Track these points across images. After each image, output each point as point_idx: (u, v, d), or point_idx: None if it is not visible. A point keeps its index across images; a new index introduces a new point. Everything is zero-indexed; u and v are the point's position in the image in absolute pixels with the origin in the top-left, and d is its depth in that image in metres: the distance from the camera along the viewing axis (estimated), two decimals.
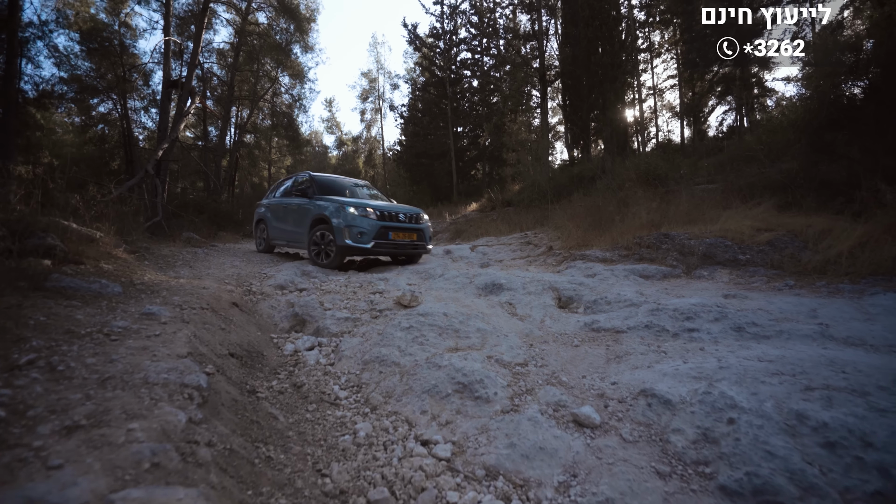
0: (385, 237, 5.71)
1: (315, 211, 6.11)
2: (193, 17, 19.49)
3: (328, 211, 5.84)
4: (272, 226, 7.49)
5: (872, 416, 1.54)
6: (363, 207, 5.73)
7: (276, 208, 7.46)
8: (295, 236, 6.70)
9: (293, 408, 2.15)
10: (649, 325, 3.07)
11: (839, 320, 2.98)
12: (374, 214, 5.75)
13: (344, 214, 5.62)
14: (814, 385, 1.84)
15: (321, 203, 6.10)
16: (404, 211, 6.24)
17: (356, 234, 5.52)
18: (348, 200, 5.93)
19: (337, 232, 5.60)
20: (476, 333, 3.00)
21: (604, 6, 13.14)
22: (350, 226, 5.54)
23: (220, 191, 19.93)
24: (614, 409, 1.96)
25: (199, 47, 17.39)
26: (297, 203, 6.69)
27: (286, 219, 7.01)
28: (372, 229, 5.59)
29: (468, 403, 2.12)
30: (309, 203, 6.37)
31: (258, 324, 3.43)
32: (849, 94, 5.31)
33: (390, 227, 5.82)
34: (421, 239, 6.24)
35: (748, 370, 2.06)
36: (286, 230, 6.98)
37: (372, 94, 35.53)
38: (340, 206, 5.75)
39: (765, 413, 1.65)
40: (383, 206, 6.15)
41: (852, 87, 5.27)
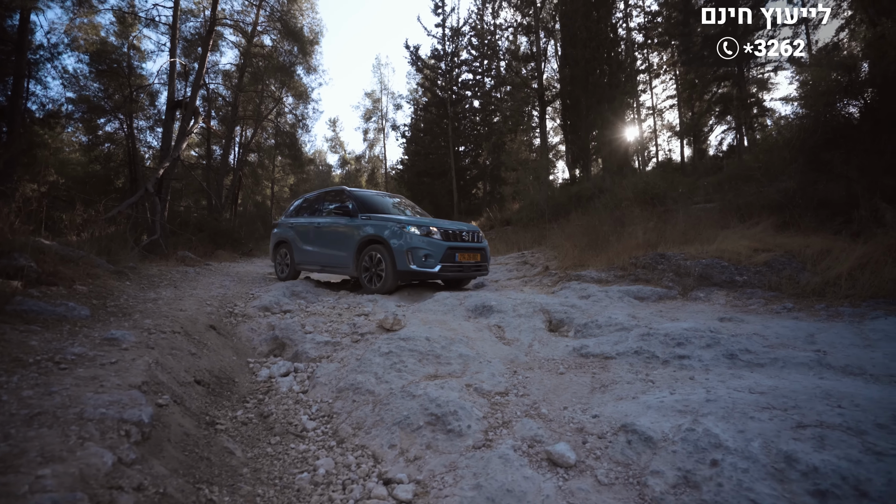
0: (452, 259, 5.21)
1: (364, 232, 5.52)
2: (200, 39, 19.93)
3: (384, 232, 5.28)
4: (299, 248, 6.64)
5: (868, 461, 1.41)
6: (425, 227, 5.27)
7: (305, 229, 6.64)
8: (333, 260, 6.01)
9: (254, 441, 2.03)
10: (639, 350, 2.94)
11: (838, 346, 2.85)
12: (439, 234, 5.27)
13: (406, 236, 5.12)
14: (806, 422, 1.71)
15: (372, 223, 5.52)
16: (466, 229, 5.74)
17: (421, 257, 5.04)
18: (406, 219, 5.45)
19: (398, 255, 5.08)
20: (458, 359, 2.88)
21: (601, 28, 13.33)
22: (414, 248, 5.05)
23: (222, 209, 20.05)
24: (592, 445, 1.83)
25: (204, 68, 17.76)
26: (337, 223, 6.04)
27: (321, 241, 6.28)
28: (438, 251, 5.11)
29: (439, 437, 2.00)
30: (353, 223, 5.77)
31: (235, 347, 3.33)
32: (845, 114, 5.25)
33: (457, 248, 5.32)
34: (484, 259, 5.78)
35: (737, 403, 1.93)
36: (321, 253, 6.24)
37: (375, 114, 36.06)
38: (400, 226, 5.25)
39: (751, 454, 1.52)
40: (446, 224, 5.63)
41: (848, 107, 5.22)
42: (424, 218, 5.97)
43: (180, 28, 18.44)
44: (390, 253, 5.16)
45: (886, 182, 4.62)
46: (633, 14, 20.76)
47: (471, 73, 21.32)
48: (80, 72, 18.67)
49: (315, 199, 7.10)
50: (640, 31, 20.51)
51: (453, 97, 20.55)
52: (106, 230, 5.25)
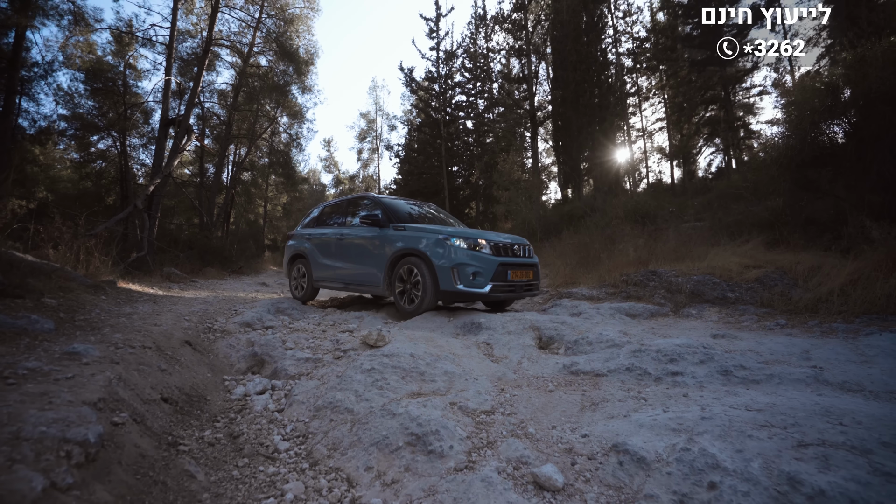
0: (503, 277, 4.49)
1: (398, 245, 4.86)
2: (196, 59, 20.12)
3: (423, 244, 4.61)
4: (318, 263, 5.97)
5: (878, 482, 1.31)
6: (472, 239, 4.55)
7: (325, 241, 5.99)
8: (359, 276, 5.36)
9: (220, 463, 1.88)
10: (630, 367, 2.84)
11: (834, 363, 2.77)
12: (488, 248, 4.57)
13: (450, 250, 4.42)
14: (808, 440, 1.61)
15: (408, 234, 4.84)
16: (517, 242, 5.02)
17: (469, 275, 4.33)
18: (449, 230, 4.73)
19: (441, 272, 4.41)
20: (443, 377, 2.76)
21: (591, 51, 13.64)
22: (460, 265, 4.35)
23: (214, 227, 19.88)
24: (582, 467, 1.71)
25: (199, 87, 17.85)
26: (364, 234, 5.37)
27: (344, 254, 5.63)
28: (488, 268, 4.40)
29: (419, 459, 1.86)
30: (383, 234, 5.10)
31: (211, 364, 3.17)
32: (830, 134, 5.31)
33: (509, 263, 4.59)
34: (535, 276, 5.06)
35: (734, 421, 1.83)
36: (344, 269, 5.58)
37: (370, 135, 36.41)
38: (442, 237, 4.52)
39: (751, 476, 1.41)
40: (494, 236, 4.88)
41: (833, 126, 5.28)
42: (468, 229, 5.24)
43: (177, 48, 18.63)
44: (431, 270, 4.48)
45: (872, 199, 4.63)
46: (621, 40, 21.32)
47: (464, 95, 21.64)
48: (75, 89, 18.70)
49: (336, 208, 6.39)
50: (628, 56, 21.04)
51: (447, 118, 20.79)
52: (86, 244, 5.11)
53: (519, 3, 16.09)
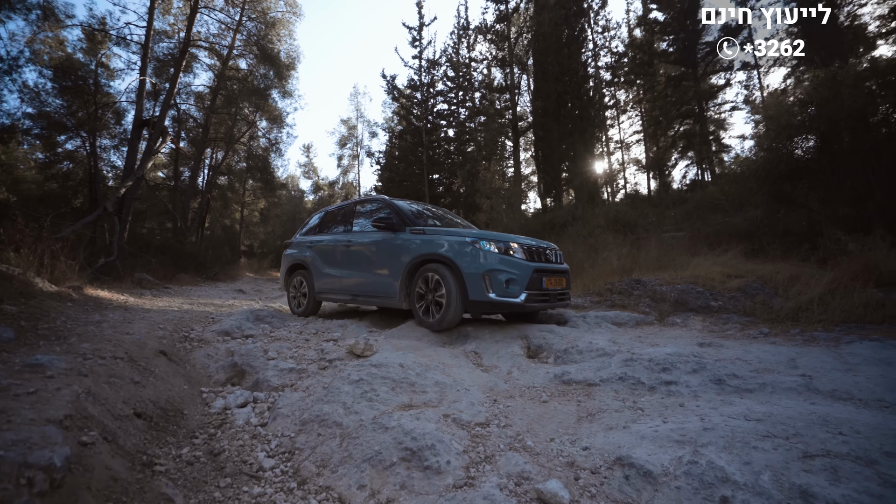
0: (538, 286, 4.02)
1: (418, 250, 4.34)
2: (173, 60, 19.62)
3: (447, 249, 4.10)
4: (322, 273, 5.45)
5: (890, 494, 1.29)
6: (503, 242, 4.06)
7: (329, 249, 5.47)
8: (371, 286, 4.83)
9: (200, 484, 1.75)
10: (623, 377, 2.81)
11: (821, 371, 2.80)
12: (521, 253, 4.10)
13: (480, 254, 3.94)
14: (812, 451, 1.60)
15: (428, 238, 4.34)
16: (549, 246, 4.60)
17: (502, 282, 3.85)
18: (476, 232, 4.28)
19: (471, 280, 3.90)
20: (434, 387, 2.67)
21: (572, 64, 13.88)
22: (492, 271, 3.86)
23: (188, 232, 19.28)
24: (586, 482, 1.65)
25: (175, 89, 17.40)
26: (376, 239, 4.85)
27: (353, 262, 5.09)
28: (523, 275, 3.93)
29: (415, 475, 1.77)
30: (399, 238, 4.58)
31: (188, 375, 3.00)
32: (804, 148, 5.50)
33: (543, 270, 4.13)
34: (568, 284, 4.61)
35: (736, 432, 1.80)
36: (353, 279, 5.06)
37: (351, 141, 36.17)
38: (470, 240, 4.03)
39: (763, 489, 1.38)
40: (525, 240, 4.41)
41: (804, 142, 5.47)
42: (491, 231, 4.81)
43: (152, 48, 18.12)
44: (458, 277, 3.97)
45: (846, 212, 4.79)
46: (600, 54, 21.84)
47: (446, 104, 21.71)
48: (42, 86, 17.93)
49: (340, 212, 5.84)
50: (607, 70, 21.57)
51: (428, 126, 20.81)
52: (52, 247, 4.82)
53: (502, 14, 16.31)
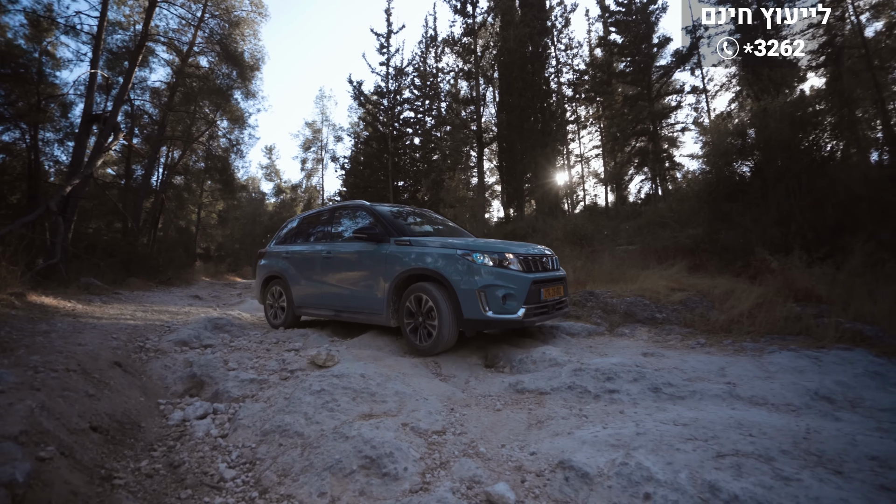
0: (536, 298, 3.78)
1: (404, 263, 4.02)
2: (128, 53, 18.77)
3: (437, 263, 3.81)
4: (301, 286, 5.13)
5: (778, 486, 1.53)
6: (497, 253, 3.79)
7: (307, 259, 5.13)
8: (354, 302, 4.53)
9: (160, 496, 1.78)
10: (572, 386, 3.02)
11: (745, 379, 3.11)
12: (517, 264, 3.83)
13: (474, 268, 3.64)
14: (725, 451, 1.83)
15: (416, 250, 4.03)
16: (544, 252, 4.34)
17: (499, 298, 3.60)
18: (466, 242, 4.00)
19: (464, 297, 3.63)
20: (394, 397, 2.78)
21: (535, 80, 14.41)
22: (488, 287, 3.60)
23: (139, 233, 18.38)
24: (531, 484, 1.82)
25: (130, 84, 16.65)
26: (357, 250, 4.52)
27: (333, 275, 4.77)
28: (521, 289, 3.67)
29: (374, 482, 1.88)
30: (383, 250, 4.25)
31: (144, 387, 2.97)
32: (739, 172, 6.02)
33: (542, 280, 3.91)
34: (565, 292, 4.39)
35: (664, 436, 2.02)
36: (334, 293, 4.74)
37: (315, 145, 35.65)
38: (461, 253, 3.73)
39: (679, 486, 1.58)
40: (520, 248, 4.13)
41: (741, 166, 6.00)
42: (482, 239, 4.47)
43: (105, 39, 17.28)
44: (451, 294, 3.70)
45: (774, 232, 5.30)
46: (563, 70, 22.71)
47: (412, 112, 21.86)
48: None
49: (317, 219, 5.47)
50: (569, 86, 22.45)
51: (394, 133, 20.89)
52: None
53: (469, 28, 16.71)
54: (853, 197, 4.90)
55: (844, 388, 2.87)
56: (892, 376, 3.08)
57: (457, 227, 5.53)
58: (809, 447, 1.85)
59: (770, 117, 5.52)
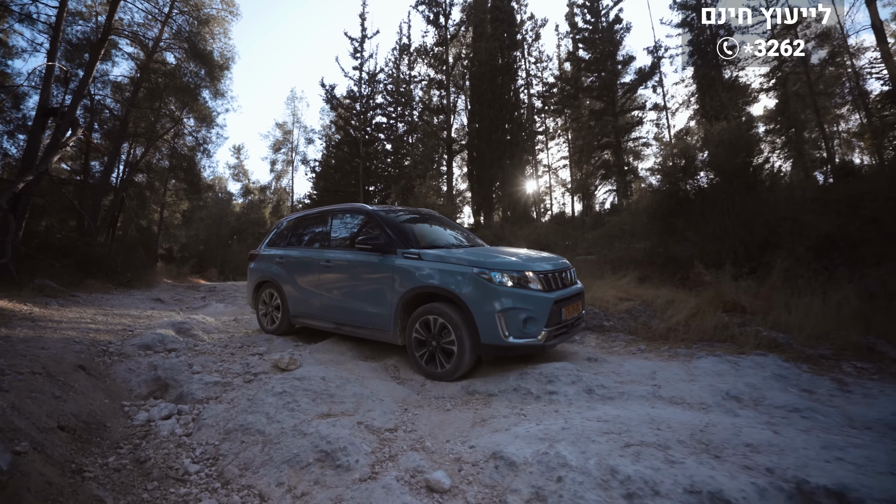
0: (557, 319, 3.54)
1: (414, 279, 3.73)
2: (89, 45, 18.13)
3: (451, 282, 3.52)
4: (296, 294, 4.80)
5: (665, 468, 1.84)
6: (519, 272, 3.50)
7: (303, 265, 4.78)
8: (357, 316, 4.22)
9: (128, 488, 1.94)
10: (517, 388, 3.31)
11: (670, 382, 3.48)
12: (538, 282, 3.55)
13: (492, 291, 3.39)
14: (632, 442, 2.15)
15: (426, 266, 3.72)
16: (562, 267, 4.03)
17: (519, 321, 3.34)
18: (485, 260, 3.59)
19: (483, 321, 3.36)
20: (352, 398, 2.99)
21: (504, 92, 14.91)
22: (508, 310, 3.34)
23: (97, 232, 17.71)
24: (467, 472, 2.08)
25: (91, 78, 16.13)
26: (362, 261, 4.18)
27: (333, 285, 4.45)
28: (542, 310, 3.42)
29: (328, 473, 2.10)
30: (391, 263, 3.91)
31: (108, 390, 3.06)
32: (684, 190, 6.55)
33: (563, 299, 3.64)
34: (583, 306, 4.16)
35: (586, 430, 2.33)
36: (335, 303, 4.41)
37: (285, 146, 35.20)
38: (477, 271, 3.46)
39: (587, 470, 1.88)
40: (540, 262, 3.83)
41: (685, 185, 6.53)
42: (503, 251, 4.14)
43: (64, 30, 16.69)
44: (467, 317, 3.42)
45: (711, 248, 5.81)
46: (533, 82, 23.44)
47: (385, 117, 22.08)
48: None
49: (312, 221, 5.10)
50: (538, 98, 23.19)
51: (366, 137, 21.01)
52: None
53: (441, 39, 17.09)
54: (778, 217, 5.46)
55: (752, 388, 3.28)
56: (793, 379, 3.52)
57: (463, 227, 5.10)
58: (702, 438, 2.20)
59: (709, 143, 6.06)
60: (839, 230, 5.58)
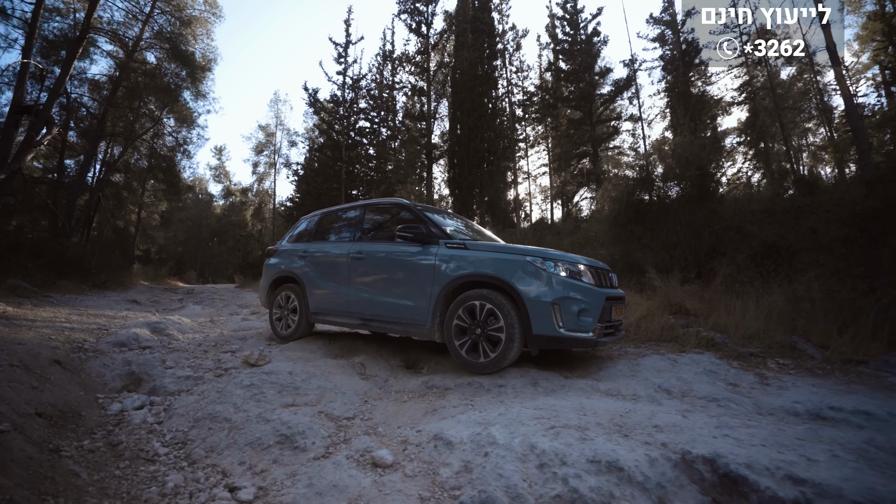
0: (608, 316, 3.58)
1: (459, 268, 3.68)
2: (66, 42, 17.93)
3: (502, 270, 3.49)
4: (320, 290, 4.67)
5: (577, 444, 2.14)
6: (572, 264, 3.55)
7: (332, 261, 4.66)
8: (392, 309, 4.11)
9: (101, 465, 2.15)
10: (471, 382, 3.58)
11: (612, 376, 3.81)
12: (590, 277, 3.60)
13: (546, 278, 3.39)
14: (556, 425, 2.44)
15: (472, 255, 3.69)
16: (607, 268, 4.11)
17: (574, 313, 3.35)
18: (535, 249, 3.64)
19: (536, 310, 3.33)
20: (315, 391, 3.23)
21: (483, 101, 15.31)
22: (563, 299, 3.34)
23: (71, 233, 17.43)
24: (410, 451, 2.34)
25: (68, 75, 15.98)
26: (401, 251, 4.10)
27: (365, 279, 4.37)
28: (595, 304, 3.44)
29: (286, 453, 2.34)
30: (433, 253, 3.85)
31: (83, 383, 3.24)
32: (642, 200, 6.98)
33: (613, 298, 3.69)
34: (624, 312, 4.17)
35: (520, 416, 2.61)
36: (365, 298, 4.31)
37: (268, 148, 35.07)
38: (531, 259, 3.47)
39: (512, 447, 2.16)
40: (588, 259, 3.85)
41: (644, 195, 6.96)
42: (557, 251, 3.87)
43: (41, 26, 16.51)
44: (519, 305, 3.40)
45: (665, 254, 6.21)
46: (514, 90, 23.98)
47: (367, 122, 22.29)
48: None
49: (345, 217, 4.99)
50: (519, 106, 23.73)
51: (349, 142, 21.19)
52: None
53: (423, 48, 17.44)
54: (724, 227, 5.89)
55: (683, 382, 3.63)
56: (722, 374, 3.89)
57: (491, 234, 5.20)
58: (619, 421, 2.51)
59: (666, 155, 6.49)
60: (782, 239, 6.05)
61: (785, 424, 2.61)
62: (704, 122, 16.67)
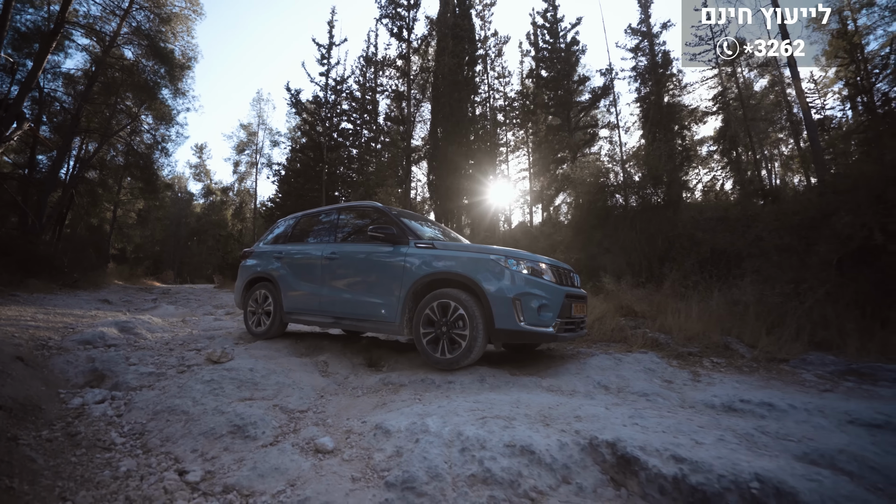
0: (568, 313, 3.82)
1: (427, 266, 3.90)
2: (40, 35, 17.59)
3: (467, 268, 3.73)
4: (294, 290, 4.85)
5: (499, 431, 2.38)
6: (532, 262, 3.78)
7: (307, 262, 4.83)
8: (362, 307, 4.30)
9: (58, 453, 2.30)
10: (424, 379, 3.80)
11: (558, 374, 4.07)
12: (551, 275, 3.85)
13: (507, 275, 3.62)
14: (488, 416, 2.68)
15: (440, 254, 3.93)
16: (568, 268, 4.35)
17: (535, 309, 3.58)
18: (499, 249, 3.86)
19: (498, 305, 3.56)
20: (274, 386, 3.41)
21: (462, 107, 15.60)
22: (524, 295, 3.57)
23: (42, 230, 17.09)
24: (351, 439, 2.55)
25: (41, 69, 15.73)
26: (372, 251, 4.31)
27: (338, 278, 4.54)
28: (555, 301, 3.69)
29: (237, 441, 2.52)
30: (403, 252, 4.08)
31: (45, 379, 3.35)
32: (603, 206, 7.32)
33: (573, 295, 3.95)
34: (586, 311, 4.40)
35: (458, 409, 2.84)
36: (337, 297, 4.50)
37: (250, 147, 34.79)
38: (494, 258, 3.71)
39: (441, 434, 2.39)
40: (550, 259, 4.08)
41: (604, 202, 7.30)
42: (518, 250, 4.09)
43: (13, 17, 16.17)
44: (483, 301, 3.62)
45: (621, 259, 6.55)
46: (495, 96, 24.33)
47: (350, 124, 22.39)
48: None
49: (320, 220, 5.17)
50: (500, 112, 24.09)
51: (331, 143, 21.25)
52: None
53: (404, 53, 17.66)
54: (676, 234, 6.25)
55: (621, 379, 3.92)
56: (660, 371, 4.19)
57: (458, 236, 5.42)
58: (546, 413, 2.76)
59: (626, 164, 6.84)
60: (732, 245, 6.44)
61: (696, 415, 2.90)
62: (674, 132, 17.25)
